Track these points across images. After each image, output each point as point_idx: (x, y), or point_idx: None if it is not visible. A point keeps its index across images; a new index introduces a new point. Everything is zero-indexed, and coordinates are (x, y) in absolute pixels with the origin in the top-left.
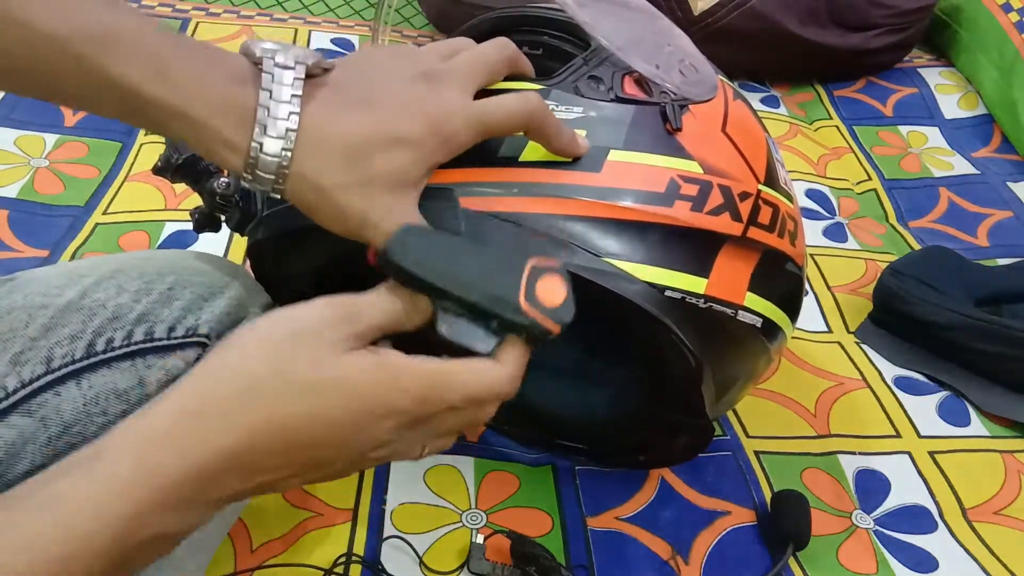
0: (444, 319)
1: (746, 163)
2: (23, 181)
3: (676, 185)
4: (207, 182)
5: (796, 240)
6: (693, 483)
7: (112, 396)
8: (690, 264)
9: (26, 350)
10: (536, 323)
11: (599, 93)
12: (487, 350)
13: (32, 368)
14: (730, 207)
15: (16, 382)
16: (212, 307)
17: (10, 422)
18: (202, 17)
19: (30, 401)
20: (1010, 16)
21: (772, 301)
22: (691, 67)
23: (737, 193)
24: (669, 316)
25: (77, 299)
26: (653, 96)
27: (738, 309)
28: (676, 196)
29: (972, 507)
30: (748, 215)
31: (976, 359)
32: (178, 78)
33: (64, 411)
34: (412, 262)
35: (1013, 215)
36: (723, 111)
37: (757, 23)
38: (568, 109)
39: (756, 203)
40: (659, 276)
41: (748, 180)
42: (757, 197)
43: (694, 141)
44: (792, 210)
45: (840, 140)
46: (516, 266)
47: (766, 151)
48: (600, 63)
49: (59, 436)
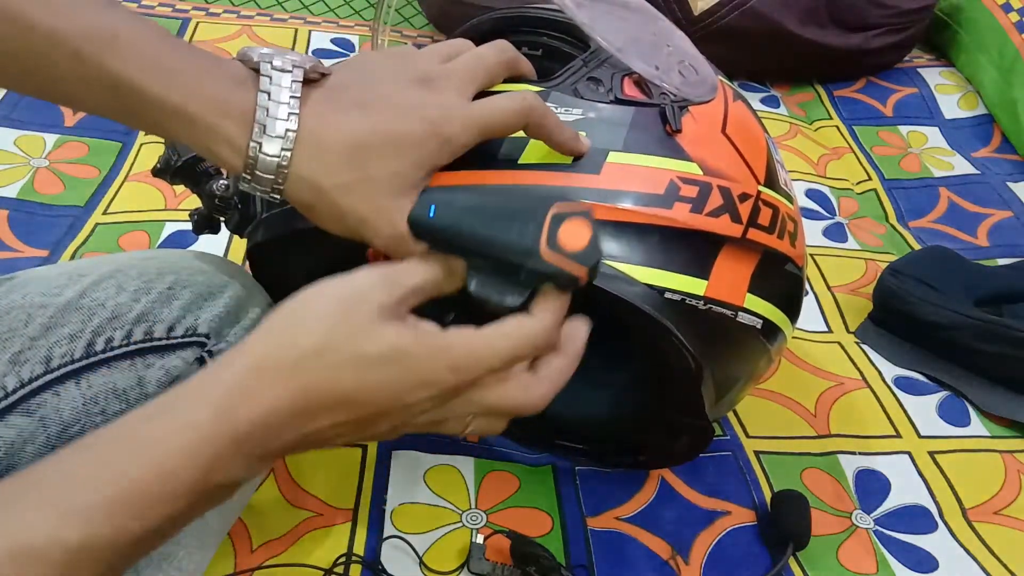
0: (475, 277)
1: (746, 164)
2: (23, 181)
3: (676, 187)
4: (206, 184)
5: (796, 241)
6: (693, 483)
7: (111, 395)
8: (690, 266)
9: (25, 350)
10: (560, 270)
11: (598, 95)
12: (516, 303)
13: (31, 368)
14: (730, 208)
15: (15, 382)
16: (211, 307)
17: (9, 422)
18: (202, 17)
19: (29, 401)
20: (1010, 16)
21: (772, 302)
22: (691, 68)
23: (737, 195)
24: (669, 318)
25: (76, 298)
26: (653, 97)
27: (738, 311)
28: (676, 198)
29: (972, 507)
30: (748, 217)
31: (976, 359)
32: (178, 77)
33: (63, 411)
34: (435, 221)
35: (1013, 215)
36: (723, 112)
37: (757, 23)
38: (567, 111)
39: (756, 204)
40: (659, 278)
41: (748, 181)
42: (757, 198)
43: (694, 143)
44: (792, 211)
45: (840, 140)
46: (538, 214)
47: (766, 152)
48: (599, 64)
49: (58, 436)
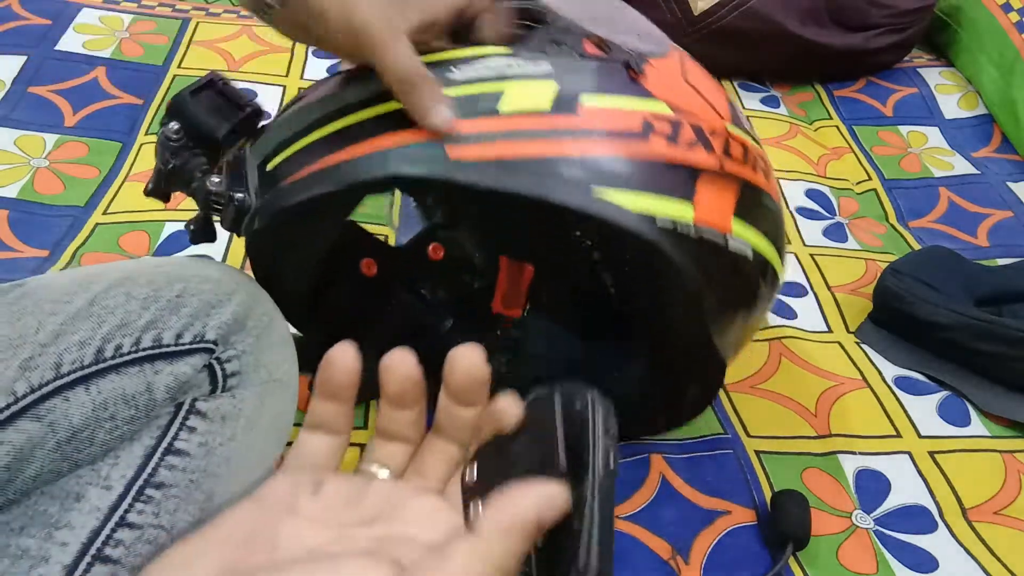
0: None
1: (710, 105)
2: (23, 181)
3: (649, 124)
4: (200, 181)
5: (769, 177)
6: (693, 482)
7: (120, 401)
8: (676, 190)
9: (35, 356)
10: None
11: (563, 52)
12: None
13: (41, 373)
14: (703, 141)
15: (25, 387)
16: (219, 314)
17: (19, 427)
18: (202, 17)
19: (39, 406)
20: (1010, 16)
21: (758, 232)
22: (647, 34)
23: (708, 130)
24: (664, 244)
25: (86, 306)
26: (614, 53)
27: (727, 237)
28: (651, 132)
29: (972, 507)
30: (721, 149)
31: (976, 359)
32: None
33: (73, 416)
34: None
35: (1013, 215)
36: (680, 64)
37: (757, 23)
38: (536, 63)
39: (727, 139)
40: (648, 204)
41: (715, 119)
42: (727, 133)
43: (659, 86)
44: (760, 151)
45: (840, 140)
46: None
47: (726, 97)
48: (561, 32)
49: (68, 441)
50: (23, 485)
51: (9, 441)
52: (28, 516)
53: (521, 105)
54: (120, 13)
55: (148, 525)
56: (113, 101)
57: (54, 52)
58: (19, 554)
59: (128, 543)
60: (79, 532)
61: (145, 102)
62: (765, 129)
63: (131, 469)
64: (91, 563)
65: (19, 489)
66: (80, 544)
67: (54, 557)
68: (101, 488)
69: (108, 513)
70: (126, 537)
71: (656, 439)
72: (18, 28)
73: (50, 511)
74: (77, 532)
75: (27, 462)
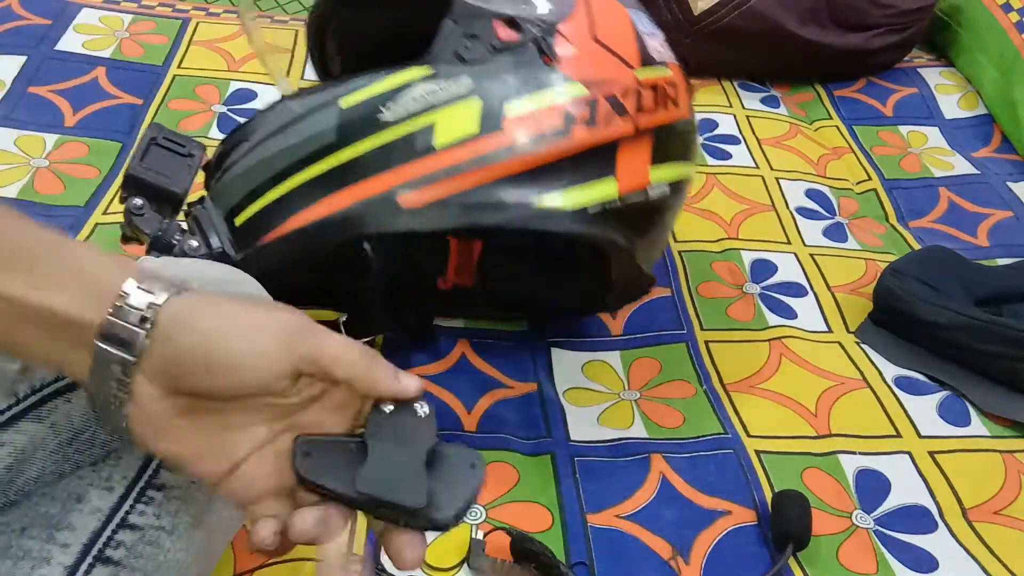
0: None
1: (620, 59)
2: (23, 181)
3: (570, 116)
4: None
5: (679, 99)
6: (694, 482)
7: None
8: (600, 170)
9: None
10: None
11: (478, 52)
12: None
13: (42, 374)
14: (619, 109)
15: (27, 388)
16: None
17: (21, 428)
18: (202, 17)
19: (40, 407)
20: (1010, 16)
21: (672, 162)
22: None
23: (620, 93)
24: (601, 231)
25: None
26: (524, 33)
27: (647, 190)
28: (572, 125)
29: (972, 507)
30: (635, 107)
31: (976, 359)
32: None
33: (74, 417)
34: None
35: (1013, 215)
36: (587, 18)
37: (757, 23)
38: (456, 80)
39: (638, 93)
40: (579, 197)
41: (626, 76)
42: (637, 87)
43: (571, 64)
44: (670, 76)
45: (840, 140)
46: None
47: (632, 33)
48: (470, 20)
49: (69, 442)
50: (24, 486)
51: (10, 442)
52: (29, 517)
53: (453, 135)
54: (120, 13)
55: (149, 526)
56: (113, 101)
57: (54, 52)
58: (20, 555)
59: (129, 544)
60: (80, 533)
61: (145, 102)
62: (765, 129)
63: (132, 470)
64: (92, 564)
65: (20, 490)
66: (81, 545)
67: (55, 558)
68: (102, 489)
69: (109, 514)
70: (127, 538)
71: (656, 439)
72: (18, 28)
73: (51, 512)
74: (78, 533)
75: (28, 463)
